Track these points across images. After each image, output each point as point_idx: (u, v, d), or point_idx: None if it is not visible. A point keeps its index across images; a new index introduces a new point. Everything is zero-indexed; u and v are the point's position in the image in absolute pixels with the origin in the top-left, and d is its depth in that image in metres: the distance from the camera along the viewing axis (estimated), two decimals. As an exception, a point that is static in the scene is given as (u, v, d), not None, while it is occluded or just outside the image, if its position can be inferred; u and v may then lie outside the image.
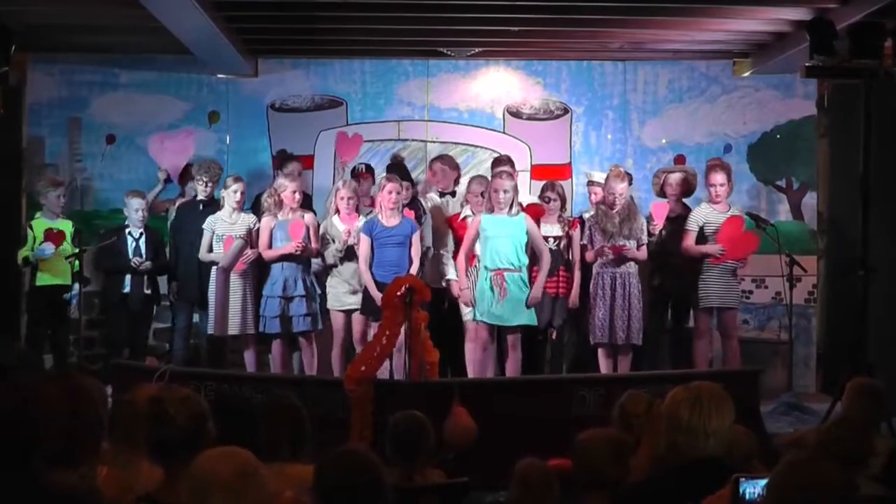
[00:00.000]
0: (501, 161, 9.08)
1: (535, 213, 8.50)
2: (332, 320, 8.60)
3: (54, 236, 8.84)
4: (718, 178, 8.62)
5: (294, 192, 8.52)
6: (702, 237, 8.60)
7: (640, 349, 8.50)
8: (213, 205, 8.96)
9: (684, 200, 8.97)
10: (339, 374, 7.95)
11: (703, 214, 8.64)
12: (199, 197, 9.09)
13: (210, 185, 9.02)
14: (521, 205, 8.26)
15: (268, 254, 8.48)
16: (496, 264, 8.09)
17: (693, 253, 8.60)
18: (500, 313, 8.11)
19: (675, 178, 8.90)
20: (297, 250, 8.33)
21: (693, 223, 8.63)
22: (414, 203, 8.81)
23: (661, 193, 8.99)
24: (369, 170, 9.35)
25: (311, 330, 8.53)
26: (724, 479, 3.53)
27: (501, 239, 8.10)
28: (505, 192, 8.10)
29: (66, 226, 9.00)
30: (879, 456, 4.54)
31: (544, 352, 8.73)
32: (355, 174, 9.20)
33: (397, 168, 9.18)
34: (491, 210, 8.17)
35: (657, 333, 8.84)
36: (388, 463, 4.28)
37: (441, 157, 9.37)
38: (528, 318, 8.18)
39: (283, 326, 8.42)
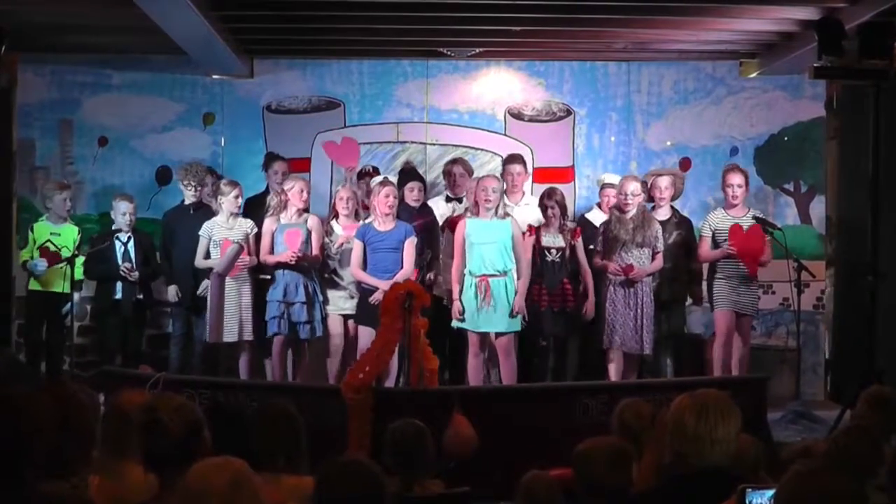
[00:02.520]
0: (515, 159, 8.97)
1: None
2: (329, 325, 8.48)
3: (50, 255, 8.72)
4: (736, 178, 8.48)
5: (302, 190, 8.39)
6: (713, 244, 8.48)
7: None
8: (202, 208, 8.88)
9: (672, 204, 8.84)
10: (336, 382, 7.83)
11: (717, 219, 8.53)
12: (187, 201, 8.98)
13: (198, 188, 8.92)
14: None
15: (267, 259, 8.37)
16: (481, 270, 7.98)
17: (709, 260, 8.51)
18: (484, 319, 7.99)
19: (665, 181, 8.70)
20: (291, 260, 8.21)
21: (707, 229, 8.54)
22: (425, 209, 8.67)
23: (650, 199, 8.80)
24: (376, 170, 9.26)
25: (310, 338, 8.40)
26: (730, 488, 3.49)
27: (487, 245, 7.98)
28: (493, 190, 7.98)
29: (72, 231, 8.92)
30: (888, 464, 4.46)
31: (547, 359, 8.57)
32: (363, 175, 9.09)
33: (410, 173, 9.10)
34: (477, 213, 8.02)
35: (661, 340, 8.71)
36: (388, 472, 4.24)
37: (458, 161, 9.23)
38: (513, 324, 8.04)
39: (287, 329, 8.28)
